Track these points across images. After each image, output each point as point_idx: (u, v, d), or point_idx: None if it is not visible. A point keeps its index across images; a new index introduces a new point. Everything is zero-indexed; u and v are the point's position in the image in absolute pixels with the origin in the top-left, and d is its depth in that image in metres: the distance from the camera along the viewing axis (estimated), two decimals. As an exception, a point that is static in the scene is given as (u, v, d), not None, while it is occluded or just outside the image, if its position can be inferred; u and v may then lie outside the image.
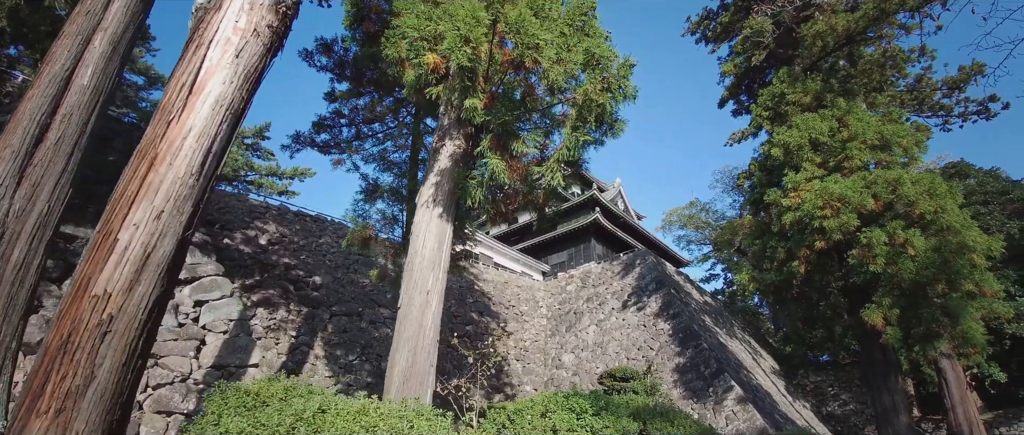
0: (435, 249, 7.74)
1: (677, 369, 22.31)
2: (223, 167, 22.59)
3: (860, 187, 14.78)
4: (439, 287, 7.88)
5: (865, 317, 14.08)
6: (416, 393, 6.52)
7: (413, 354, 6.90)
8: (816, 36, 17.40)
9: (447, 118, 8.39)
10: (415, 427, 4.42)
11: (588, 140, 7.08)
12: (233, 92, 5.10)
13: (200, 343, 13.83)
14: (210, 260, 15.46)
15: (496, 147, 7.25)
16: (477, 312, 29.16)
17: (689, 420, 7.35)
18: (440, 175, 7.96)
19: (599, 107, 6.68)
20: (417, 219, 8.00)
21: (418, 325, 7.18)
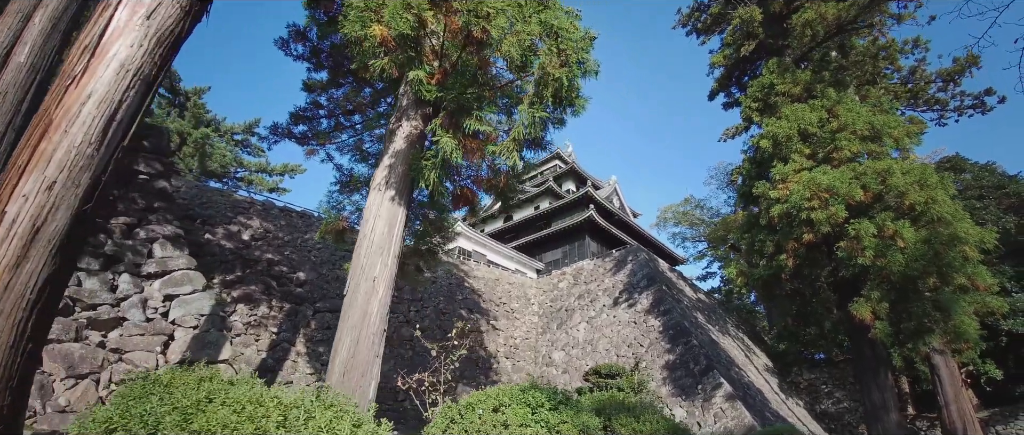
0: (384, 234, 7.35)
1: (667, 366, 21.94)
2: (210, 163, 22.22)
3: (849, 178, 14.40)
4: (387, 273, 7.48)
5: (853, 311, 13.69)
6: (358, 386, 6.14)
7: (355, 343, 6.51)
8: (805, 24, 17.01)
9: (406, 98, 8.00)
10: (316, 418, 4.02)
11: (543, 116, 6.67)
12: (143, 57, 4.70)
13: (168, 338, 13.45)
14: (182, 254, 15.08)
15: (449, 125, 6.86)
16: (466, 309, 28.78)
17: (656, 416, 6.97)
18: (394, 157, 7.58)
19: (556, 82, 6.29)
20: (368, 202, 7.62)
21: (362, 313, 6.79)
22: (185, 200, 22.53)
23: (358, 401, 6.05)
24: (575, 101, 6.84)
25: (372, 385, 6.56)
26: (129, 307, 13.58)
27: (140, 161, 16.66)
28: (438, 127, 6.72)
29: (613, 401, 7.53)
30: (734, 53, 20.37)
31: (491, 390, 6.42)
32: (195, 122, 32.89)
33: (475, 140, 7.09)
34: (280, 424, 3.90)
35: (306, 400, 4.34)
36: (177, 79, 34.11)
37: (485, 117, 6.56)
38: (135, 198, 15.74)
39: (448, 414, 6.13)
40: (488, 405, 6.00)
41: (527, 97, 6.65)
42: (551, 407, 6.11)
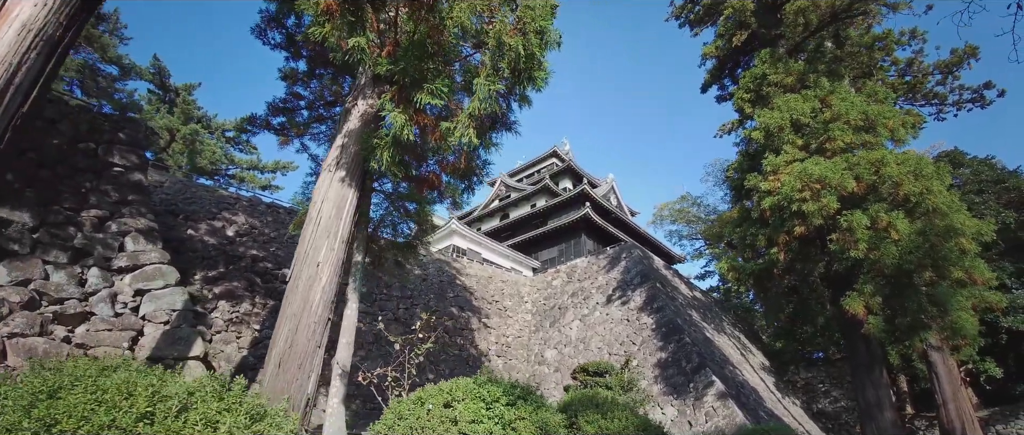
0: (332, 216, 6.92)
1: (659, 364, 21.49)
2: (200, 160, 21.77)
3: (842, 168, 13.94)
4: (334, 258, 7.04)
5: (846, 306, 13.23)
6: (294, 379, 5.72)
7: (294, 333, 6.10)
8: (798, 12, 16.56)
9: (364, 76, 7.58)
10: (193, 411, 3.55)
11: (496, 89, 6.24)
12: (47, 16, 4.29)
13: (137, 334, 13.03)
14: (155, 248, 14.66)
15: (400, 100, 6.42)
16: (457, 307, 28.36)
17: (626, 412, 6.53)
18: (347, 137, 7.16)
19: (511, 51, 5.87)
20: (317, 184, 7.21)
21: (303, 301, 6.38)
22: (168, 195, 22.16)
23: (294, 395, 5.65)
24: (535, 74, 6.39)
25: (312, 378, 6.13)
26: (97, 302, 13.17)
27: (115, 153, 16.26)
28: (388, 101, 6.31)
29: (582, 398, 7.10)
30: (726, 44, 19.94)
31: (445, 384, 6.00)
32: (184, 118, 32.53)
33: (428, 116, 6.67)
34: (143, 416, 3.46)
35: (189, 392, 3.86)
36: (167, 75, 33.78)
37: (439, 90, 6.12)
38: (108, 191, 15.33)
39: (397, 409, 5.72)
40: (439, 400, 5.58)
41: (483, 69, 6.23)
42: (508, 402, 5.68)
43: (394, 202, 13.55)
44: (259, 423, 3.93)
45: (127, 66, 30.57)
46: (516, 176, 60.88)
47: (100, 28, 28.59)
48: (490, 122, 7.33)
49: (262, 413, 4.10)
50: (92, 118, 17.01)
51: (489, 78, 6.11)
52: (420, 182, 8.66)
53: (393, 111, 6.16)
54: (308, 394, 6.10)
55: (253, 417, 3.96)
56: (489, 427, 5.25)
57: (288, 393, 5.72)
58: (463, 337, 26.93)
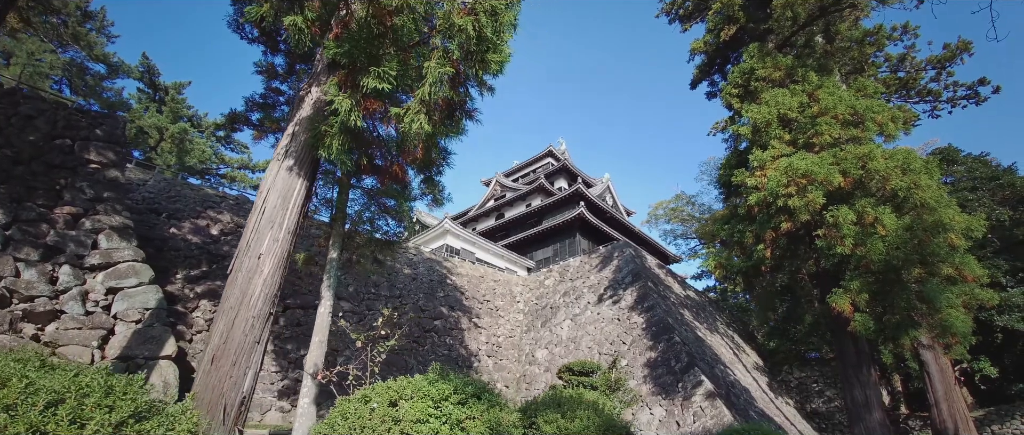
0: (277, 206, 6.65)
1: (648, 364, 21.21)
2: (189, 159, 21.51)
3: (828, 163, 13.66)
4: (278, 250, 6.77)
5: (832, 303, 12.93)
6: (228, 375, 5.45)
7: (229, 328, 5.82)
8: (786, 5, 16.30)
9: (321, 63, 7.32)
10: None
11: (446, 71, 5.96)
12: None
13: (107, 333, 12.78)
14: (129, 245, 14.40)
15: (347, 85, 6.16)
16: (447, 306, 28.09)
17: (588, 412, 6.24)
18: (298, 124, 6.89)
19: (461, 33, 5.59)
20: (266, 173, 6.94)
21: (241, 294, 6.10)
22: (151, 194, 21.91)
23: (227, 393, 5.38)
24: (487, 57, 6.11)
25: (248, 375, 5.86)
26: (68, 300, 12.93)
27: (92, 149, 16.02)
28: (333, 86, 6.03)
29: (545, 398, 6.81)
30: (714, 39, 19.68)
31: (395, 381, 5.73)
32: (173, 117, 32.29)
33: (377, 101, 6.39)
34: (7, 407, 3.18)
35: (75, 386, 3.56)
36: (156, 73, 33.55)
37: (386, 74, 5.83)
38: (83, 188, 15.08)
39: (343, 408, 5.45)
40: (385, 398, 5.31)
41: (434, 53, 5.96)
42: (459, 401, 5.40)
43: (372, 197, 13.31)
44: (145, 422, 3.65)
45: (115, 64, 30.33)
46: (512, 176, 60.64)
47: (87, 26, 28.37)
48: (448, 109, 7.07)
49: (151, 411, 3.82)
50: (69, 114, 16.77)
51: (440, 62, 5.84)
52: (382, 173, 8.36)
53: (337, 95, 5.88)
54: (243, 393, 5.83)
55: (139, 416, 3.69)
56: (435, 427, 4.98)
57: (222, 391, 5.45)
58: (453, 337, 26.67)
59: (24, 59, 25.73)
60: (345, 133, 6.16)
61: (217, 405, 5.38)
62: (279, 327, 20.37)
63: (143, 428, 3.57)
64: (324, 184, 12.85)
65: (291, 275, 23.16)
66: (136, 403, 3.72)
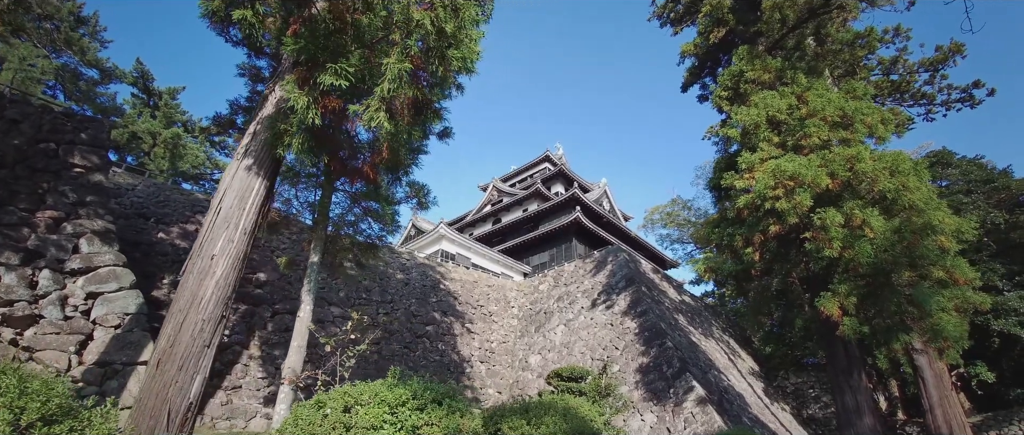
0: (233, 206, 6.51)
1: (640, 369, 20.99)
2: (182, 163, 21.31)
3: (816, 165, 13.53)
4: (233, 251, 6.62)
5: (820, 306, 12.74)
6: (174, 381, 5.28)
7: (177, 331, 5.65)
8: (775, 7, 16.23)
9: (287, 63, 7.21)
10: None
11: (404, 67, 5.83)
12: None
13: (86, 338, 12.61)
14: (110, 249, 14.26)
15: (304, 81, 6.04)
16: (440, 312, 27.88)
17: (556, 418, 6.06)
18: (260, 123, 6.78)
19: (420, 28, 5.47)
20: (224, 173, 6.80)
21: (191, 296, 5.94)
22: (140, 198, 21.80)
23: (173, 399, 5.21)
24: (448, 53, 5.97)
25: (197, 381, 5.68)
26: (47, 304, 12.78)
27: (76, 153, 15.92)
28: (290, 83, 5.91)
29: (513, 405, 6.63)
30: (704, 41, 19.61)
31: (353, 386, 5.56)
32: (167, 122, 32.25)
33: (336, 99, 6.26)
34: None
35: None
36: (150, 79, 33.56)
37: (343, 71, 5.70)
38: (66, 192, 14.97)
39: (298, 413, 5.29)
40: (339, 403, 5.15)
41: (395, 49, 5.84)
42: (417, 406, 5.24)
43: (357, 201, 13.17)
44: (56, 425, 3.49)
45: (108, 69, 30.34)
46: (509, 181, 60.54)
47: (80, 31, 28.39)
48: (414, 108, 6.93)
49: (66, 414, 3.67)
50: (55, 118, 16.68)
51: (399, 58, 5.72)
52: (353, 174, 8.22)
53: (293, 91, 5.76)
54: (190, 399, 5.65)
55: (49, 418, 3.53)
56: (389, 433, 4.81)
57: (166, 397, 5.28)
58: (445, 343, 26.45)
59: (16, 64, 25.71)
60: (306, 132, 6.04)
61: (161, 411, 5.21)
62: (266, 333, 20.19)
63: (52, 431, 3.41)
64: (306, 187, 12.72)
65: (281, 280, 22.99)
66: (48, 406, 3.57)
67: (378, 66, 6.16)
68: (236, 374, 17.97)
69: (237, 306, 20.18)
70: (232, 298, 6.75)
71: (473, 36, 6.21)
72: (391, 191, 13.16)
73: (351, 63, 5.78)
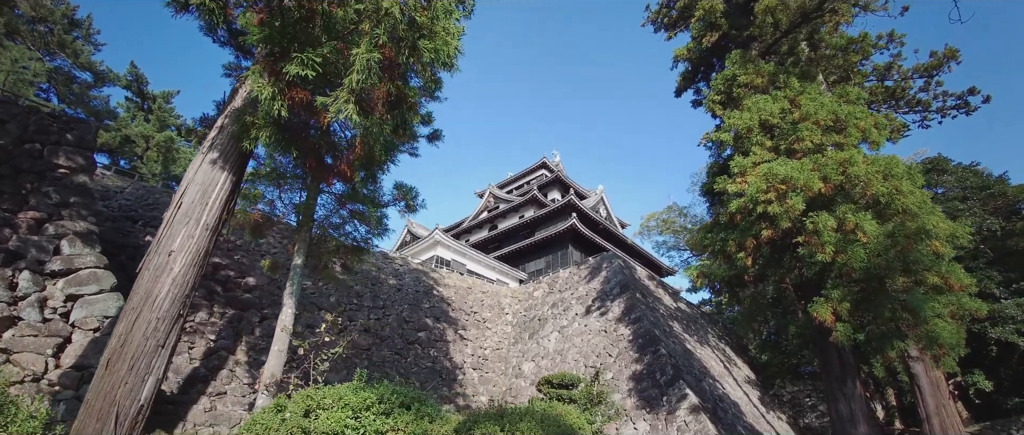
0: (195, 200, 6.32)
1: (633, 377, 20.69)
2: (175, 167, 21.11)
3: (808, 168, 13.36)
4: (193, 247, 6.40)
5: (813, 312, 12.53)
6: (123, 382, 5.05)
7: (129, 330, 5.43)
8: (767, 11, 16.14)
9: (260, 54, 7.05)
10: None
11: (373, 57, 5.65)
12: None
13: (64, 341, 12.34)
14: (92, 251, 14.02)
15: (270, 72, 5.86)
16: (433, 318, 27.58)
17: (530, 424, 5.83)
18: (229, 116, 6.60)
19: (389, 17, 5.31)
20: (188, 168, 6.61)
21: (145, 293, 5.72)
22: (128, 201, 21.58)
23: (122, 401, 4.98)
24: (418, 44, 5.80)
25: (148, 382, 5.43)
26: (26, 306, 12.52)
27: (61, 154, 15.72)
28: (255, 73, 5.73)
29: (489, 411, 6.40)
30: (697, 46, 19.53)
31: (317, 389, 5.34)
32: (160, 125, 32.11)
33: (304, 91, 6.08)
34: None
35: None
36: (145, 82, 33.47)
37: (310, 60, 5.52)
38: (49, 192, 14.75)
39: (256, 417, 5.06)
40: (301, 407, 4.92)
41: (364, 40, 5.67)
42: (383, 411, 5.01)
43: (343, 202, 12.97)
44: None
45: (102, 72, 30.23)
46: (506, 187, 60.43)
47: (74, 34, 28.31)
48: (389, 103, 6.75)
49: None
50: (41, 119, 16.50)
51: (368, 48, 5.55)
52: (328, 171, 8.02)
53: (257, 81, 5.58)
54: (141, 401, 5.41)
55: None
56: (351, 435, 4.58)
57: (114, 398, 5.05)
58: (437, 349, 26.13)
59: (8, 66, 25.59)
60: (274, 125, 5.85)
61: (108, 414, 4.97)
62: (254, 338, 19.87)
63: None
64: (290, 189, 12.53)
65: (270, 285, 22.72)
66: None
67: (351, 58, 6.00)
68: (221, 380, 17.64)
69: (224, 311, 19.90)
70: (191, 297, 6.53)
71: (450, 29, 6.05)
72: (378, 193, 12.97)
73: (318, 53, 5.61)
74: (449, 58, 6.20)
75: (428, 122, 15.35)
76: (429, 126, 15.25)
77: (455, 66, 6.78)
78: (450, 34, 6.02)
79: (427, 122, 15.28)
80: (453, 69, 6.93)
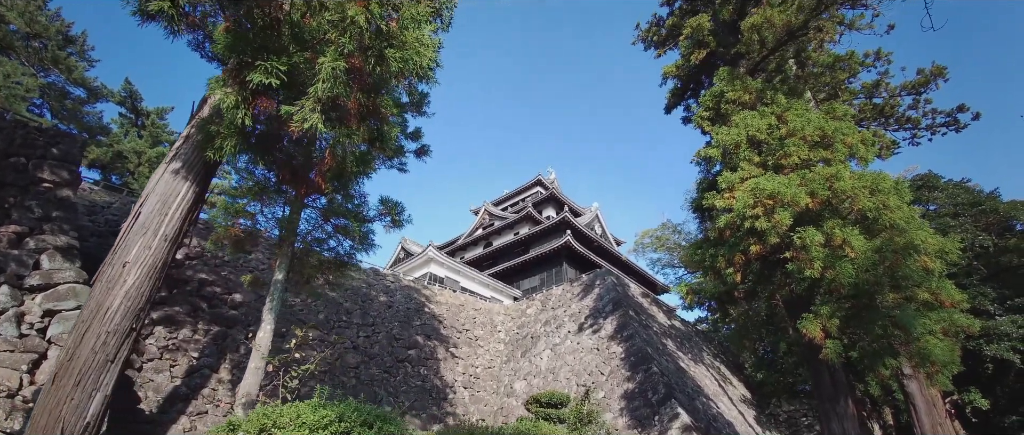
0: (154, 211, 6.17)
1: (625, 395, 20.35)
2: None
3: (795, 184, 13.31)
4: (149, 258, 6.23)
5: (802, 329, 12.34)
6: (70, 398, 4.84)
7: (78, 343, 5.24)
8: (753, 29, 16.29)
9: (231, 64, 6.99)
10: None
11: (338, 66, 5.58)
12: None
13: (40, 357, 12.06)
14: (72, 266, 13.81)
15: (235, 80, 5.79)
16: (424, 335, 27.22)
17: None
18: (195, 126, 6.50)
19: (353, 25, 5.25)
20: (151, 178, 6.49)
21: (97, 305, 5.54)
22: (116, 216, 21.39)
23: (68, 418, 4.77)
24: (386, 53, 5.73)
25: (96, 398, 5.20)
26: (3, 321, 12.26)
27: (46, 168, 15.60)
28: (218, 81, 5.66)
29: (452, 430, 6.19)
30: (686, 63, 19.67)
31: (274, 407, 5.14)
32: (152, 141, 32.09)
33: (269, 99, 6.00)
34: None
35: None
36: (139, 98, 33.54)
37: (274, 69, 5.44)
38: (32, 206, 14.59)
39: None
40: (255, 425, 4.73)
41: (331, 49, 5.61)
42: (343, 430, 4.81)
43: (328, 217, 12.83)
44: None
45: (96, 88, 30.30)
46: (500, 204, 60.40)
47: (68, 50, 28.43)
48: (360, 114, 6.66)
49: None
50: (27, 133, 16.41)
51: (333, 57, 5.48)
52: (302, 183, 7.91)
53: (218, 89, 5.50)
54: (87, 418, 5.19)
55: None
56: (304, 456, 4.39)
57: (59, 414, 4.84)
58: (427, 367, 25.73)
59: (0, 81, 25.61)
60: (239, 134, 5.75)
61: (53, 431, 4.76)
62: (239, 355, 19.51)
63: None
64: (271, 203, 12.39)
65: (257, 301, 22.40)
66: None
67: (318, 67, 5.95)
68: (203, 399, 17.27)
69: (209, 328, 19.59)
70: (146, 310, 6.34)
71: (423, 40, 6.00)
72: (363, 208, 12.85)
73: (284, 62, 5.55)
74: (422, 69, 6.13)
75: (417, 138, 15.32)
76: (417, 141, 15.22)
77: (432, 78, 6.74)
78: (423, 45, 5.97)
79: (416, 138, 15.26)
80: (431, 81, 6.88)
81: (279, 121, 6.10)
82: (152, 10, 5.37)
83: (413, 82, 7.32)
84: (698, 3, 21.29)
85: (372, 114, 6.84)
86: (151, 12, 5.40)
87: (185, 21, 5.64)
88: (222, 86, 5.75)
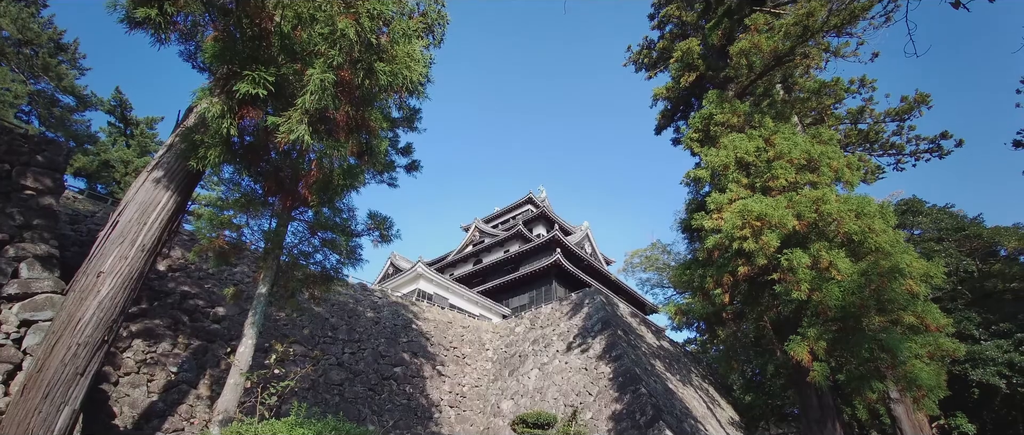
0: (132, 220, 6.06)
1: (613, 416, 20.11)
2: None
3: (783, 206, 13.44)
4: (125, 268, 6.10)
5: (790, 351, 12.34)
6: (37, 411, 4.67)
7: (47, 355, 5.08)
8: (741, 54, 16.60)
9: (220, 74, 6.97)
10: None
11: (327, 78, 5.57)
12: None
13: (15, 368, 11.63)
14: (51, 276, 13.47)
15: (222, 90, 5.76)
16: (410, 353, 26.84)
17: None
18: (179, 135, 6.44)
19: (343, 38, 5.25)
20: (131, 186, 6.39)
21: (69, 316, 5.40)
22: (99, 225, 21.03)
23: (35, 430, 4.59)
24: (375, 65, 5.74)
25: (64, 412, 5.03)
26: (-25, 332, 11.89)
27: (29, 175, 15.34)
28: (204, 91, 5.62)
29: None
30: (676, 85, 19.97)
31: (250, 426, 4.99)
32: (140, 151, 31.80)
33: (255, 110, 5.96)
34: None
35: None
36: (128, 108, 33.34)
37: (261, 79, 5.41)
38: (13, 214, 14.29)
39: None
40: (230, 438, 4.58)
41: (319, 60, 5.59)
42: (320, 445, 4.68)
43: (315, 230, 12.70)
44: None
45: (85, 97, 30.08)
46: (491, 222, 60.36)
47: (59, 58, 28.27)
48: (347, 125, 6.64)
49: None
50: (12, 139, 16.18)
51: (322, 69, 5.47)
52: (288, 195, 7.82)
53: (204, 98, 5.46)
54: (54, 432, 4.99)
55: None
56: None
57: (27, 428, 4.66)
58: (413, 385, 25.31)
59: (-13, 88, 25.35)
60: (224, 144, 5.69)
61: (18, 444, 4.58)
62: (219, 371, 19.06)
63: None
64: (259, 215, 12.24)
65: (241, 315, 22.00)
66: None
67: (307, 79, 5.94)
68: (180, 416, 16.79)
69: (189, 342, 19.17)
70: (120, 321, 6.17)
71: (414, 54, 6.02)
72: (351, 222, 12.74)
73: (272, 72, 5.52)
74: (413, 83, 6.14)
75: (408, 153, 15.30)
76: (408, 156, 15.19)
77: (423, 93, 6.75)
78: (414, 59, 5.98)
79: (407, 153, 15.24)
80: (422, 96, 6.88)
81: (266, 132, 6.05)
82: (139, 17, 5.34)
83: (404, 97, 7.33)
84: (688, 27, 21.73)
85: (361, 127, 6.81)
86: (138, 19, 5.37)
87: (172, 29, 5.61)
88: (209, 95, 5.71)
